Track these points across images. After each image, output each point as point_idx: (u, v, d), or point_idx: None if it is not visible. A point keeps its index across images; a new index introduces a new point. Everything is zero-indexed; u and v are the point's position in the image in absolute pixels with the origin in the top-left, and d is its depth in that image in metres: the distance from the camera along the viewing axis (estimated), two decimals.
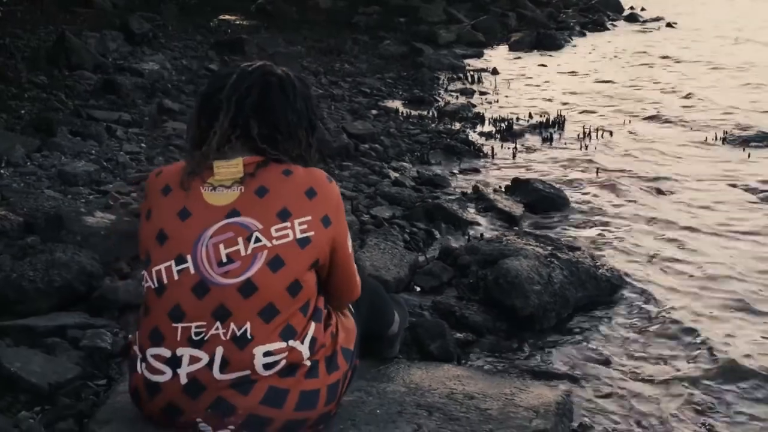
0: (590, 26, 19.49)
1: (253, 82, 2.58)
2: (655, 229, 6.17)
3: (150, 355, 2.48)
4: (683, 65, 14.14)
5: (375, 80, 11.92)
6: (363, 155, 7.72)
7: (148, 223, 2.54)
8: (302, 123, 2.64)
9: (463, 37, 16.70)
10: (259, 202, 2.46)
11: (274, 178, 2.50)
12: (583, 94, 11.74)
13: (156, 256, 2.49)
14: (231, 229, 2.45)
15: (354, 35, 15.63)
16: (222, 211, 2.47)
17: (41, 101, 8.31)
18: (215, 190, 2.49)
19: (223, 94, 2.55)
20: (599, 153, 8.43)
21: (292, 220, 2.45)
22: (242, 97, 2.55)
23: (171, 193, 2.53)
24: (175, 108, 8.63)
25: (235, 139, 2.54)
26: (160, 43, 12.67)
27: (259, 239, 2.43)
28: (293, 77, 2.66)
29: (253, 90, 2.57)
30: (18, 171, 6.03)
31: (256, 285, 2.41)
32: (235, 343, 2.41)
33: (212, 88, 2.62)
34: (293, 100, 2.61)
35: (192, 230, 2.47)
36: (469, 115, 10.03)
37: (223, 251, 2.43)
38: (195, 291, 2.42)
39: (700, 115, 10.19)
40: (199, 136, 2.60)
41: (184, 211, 2.49)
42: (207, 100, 2.61)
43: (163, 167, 2.69)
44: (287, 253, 2.45)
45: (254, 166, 2.51)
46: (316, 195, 2.50)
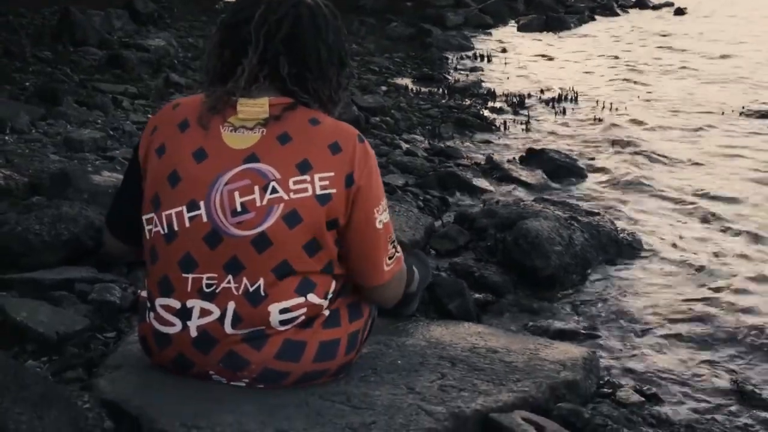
0: (599, 11, 19.32)
1: (283, 13, 2.35)
2: (674, 196, 6.06)
3: (159, 305, 2.33)
4: (694, 46, 13.99)
5: (383, 59, 11.78)
6: (374, 128, 7.59)
7: (160, 160, 2.34)
8: (333, 59, 2.43)
9: (471, 20, 16.56)
10: (280, 149, 2.27)
11: (300, 125, 2.30)
12: (595, 72, 11.62)
13: (166, 198, 2.31)
14: (248, 176, 2.26)
15: (361, 17, 15.48)
16: (240, 154, 2.27)
17: (46, 75, 8.20)
18: (236, 131, 2.30)
19: (251, 25, 2.34)
20: (613, 126, 8.30)
21: (313, 173, 2.25)
22: (272, 31, 2.32)
23: (188, 129, 2.34)
24: (181, 82, 8.51)
25: (264, 79, 2.33)
26: (165, 23, 12.56)
27: (275, 190, 2.24)
28: (324, 7, 2.46)
29: (284, 23, 2.34)
30: (23, 138, 5.91)
31: (271, 239, 2.23)
32: (248, 300, 2.26)
33: (238, 18, 2.39)
34: (325, 34, 2.40)
35: (207, 174, 2.28)
36: (479, 91, 9.89)
37: (237, 199, 2.25)
38: (207, 240, 2.26)
39: (715, 91, 10.07)
40: (221, 69, 2.40)
41: (201, 152, 2.30)
42: (232, 30, 2.39)
43: (180, 99, 2.50)
44: (305, 208, 2.25)
45: (281, 109, 2.30)
46: (341, 151, 2.29)
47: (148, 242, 2.36)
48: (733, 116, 8.77)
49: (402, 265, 2.56)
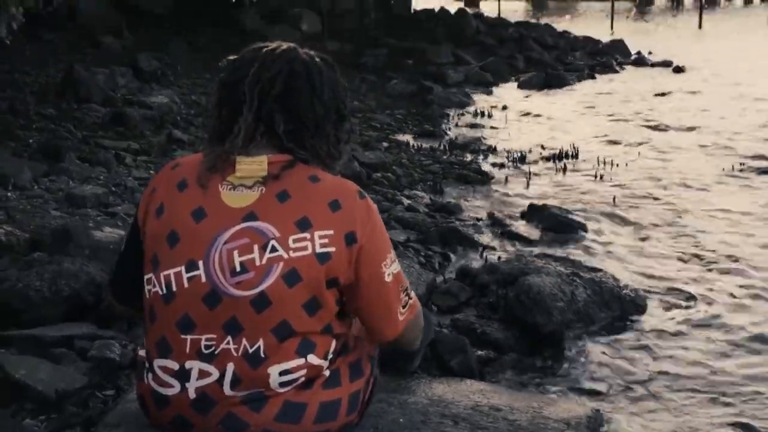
0: (599, 68, 19.46)
1: (277, 70, 2.35)
2: (677, 252, 6.04)
3: (157, 366, 2.30)
4: (693, 104, 14.07)
5: (385, 116, 11.86)
6: (375, 183, 7.62)
7: (159, 220, 2.32)
8: (330, 115, 2.41)
9: (471, 78, 16.68)
10: (280, 207, 2.25)
11: (299, 183, 2.28)
12: (595, 129, 11.66)
13: (165, 259, 2.29)
14: (247, 235, 2.24)
15: (362, 75, 15.62)
16: (239, 213, 2.26)
17: (49, 131, 8.27)
18: (235, 190, 2.28)
19: (245, 84, 2.35)
20: (615, 182, 8.31)
21: (313, 231, 2.23)
22: (266, 89, 2.32)
23: (187, 189, 2.32)
24: (184, 139, 8.56)
25: (260, 137, 2.33)
26: (169, 80, 12.67)
27: (275, 248, 2.22)
28: (319, 62, 2.45)
29: (277, 80, 2.33)
30: (25, 194, 5.94)
31: (270, 299, 2.20)
32: (248, 361, 2.22)
33: (234, 77, 2.39)
34: (320, 90, 2.39)
35: (206, 233, 2.26)
36: (480, 147, 9.93)
37: (237, 259, 2.22)
38: (206, 301, 2.23)
39: (716, 147, 10.10)
40: (219, 127, 2.40)
41: (200, 211, 2.28)
42: (229, 89, 2.39)
43: (180, 159, 2.50)
44: (305, 266, 2.23)
45: (279, 167, 2.29)
46: (341, 208, 2.26)
47: (147, 302, 2.34)
48: (736, 172, 8.78)
49: (417, 308, 2.55)
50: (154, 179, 2.46)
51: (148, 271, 2.32)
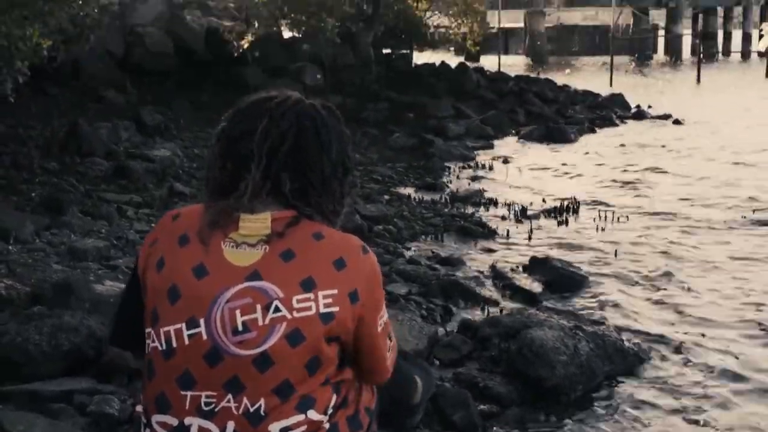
0: (599, 122, 19.60)
1: (286, 127, 2.32)
2: (679, 305, 6.01)
3: (156, 422, 2.26)
4: (692, 157, 14.15)
5: (386, 169, 11.92)
6: (377, 236, 7.62)
7: (159, 274, 2.30)
8: (337, 172, 2.38)
9: (472, 131, 16.79)
10: (284, 266, 2.23)
11: (304, 241, 2.26)
12: (596, 182, 11.71)
13: (165, 314, 2.26)
14: (250, 294, 2.21)
15: (364, 128, 15.73)
16: (243, 272, 2.23)
17: (52, 185, 8.29)
18: (238, 248, 2.25)
19: (254, 141, 2.32)
20: (616, 235, 8.32)
21: (317, 291, 2.20)
22: (275, 146, 2.29)
23: (188, 244, 2.29)
24: (185, 192, 8.59)
25: (266, 194, 2.32)
26: (171, 134, 12.76)
27: (278, 309, 2.19)
28: (325, 114, 2.44)
29: (286, 138, 2.29)
30: (27, 247, 5.94)
31: (273, 359, 2.17)
32: (248, 420, 2.19)
33: (240, 131, 2.34)
34: (328, 146, 2.36)
35: (208, 291, 2.24)
36: (482, 200, 9.96)
37: (239, 318, 2.20)
38: (207, 359, 2.20)
39: (715, 200, 10.13)
40: (222, 180, 2.37)
41: (201, 268, 2.25)
42: (234, 143, 2.36)
43: (180, 210, 2.46)
44: (308, 327, 2.20)
45: (284, 224, 2.27)
46: (345, 267, 2.25)
47: (146, 357, 2.31)
48: (738, 224, 8.79)
49: (395, 346, 2.54)
50: (154, 229, 2.43)
51: (147, 325, 2.29)
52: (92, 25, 10.02)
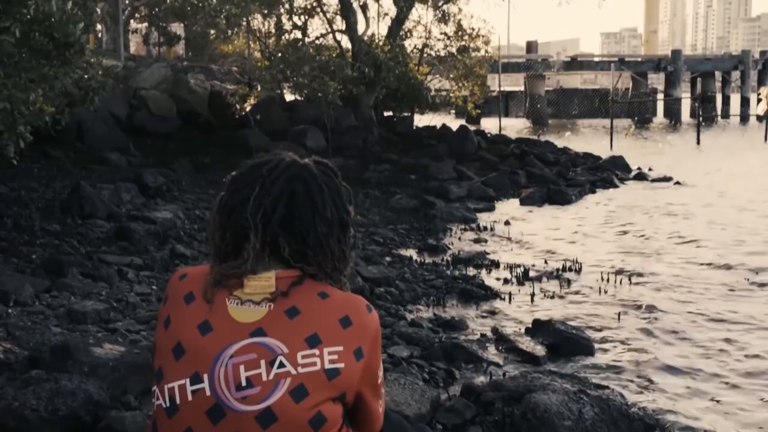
0: (599, 184, 19.66)
1: (278, 193, 2.36)
2: (682, 367, 5.94)
3: None
4: (693, 218, 14.15)
5: (388, 231, 11.91)
6: (378, 298, 7.57)
7: (166, 332, 2.30)
8: (333, 231, 2.40)
9: (473, 193, 16.83)
10: (289, 323, 2.23)
11: (309, 299, 2.27)
12: (598, 243, 11.69)
13: (170, 371, 2.25)
14: (254, 350, 2.20)
15: (366, 190, 15.78)
16: (247, 328, 2.23)
17: (53, 247, 8.27)
18: (242, 305, 2.25)
19: (248, 210, 2.35)
20: (619, 298, 8.27)
21: (322, 347, 2.20)
22: (268, 214, 2.33)
23: (194, 302, 2.30)
24: (187, 253, 8.58)
25: (267, 258, 2.33)
26: (173, 196, 12.78)
27: (283, 364, 2.18)
28: (319, 175, 2.45)
29: (278, 204, 2.33)
30: (26, 310, 5.89)
31: (276, 415, 2.15)
32: None
33: (235, 200, 2.39)
34: (322, 208, 2.38)
35: (212, 347, 2.23)
36: (484, 262, 9.92)
37: (243, 374, 2.18)
38: (209, 415, 2.18)
39: (717, 260, 10.10)
40: (224, 248, 2.39)
41: (206, 325, 2.25)
42: (230, 214, 2.40)
43: (187, 269, 2.47)
44: (312, 382, 2.19)
45: (288, 283, 2.27)
46: (351, 325, 2.25)
47: (151, 417, 2.29)
48: (739, 286, 8.74)
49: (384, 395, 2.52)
50: (166, 289, 2.44)
51: (153, 384, 2.28)
52: (97, 87, 10.09)
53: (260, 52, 24.12)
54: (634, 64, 57.73)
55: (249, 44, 24.89)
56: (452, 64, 25.64)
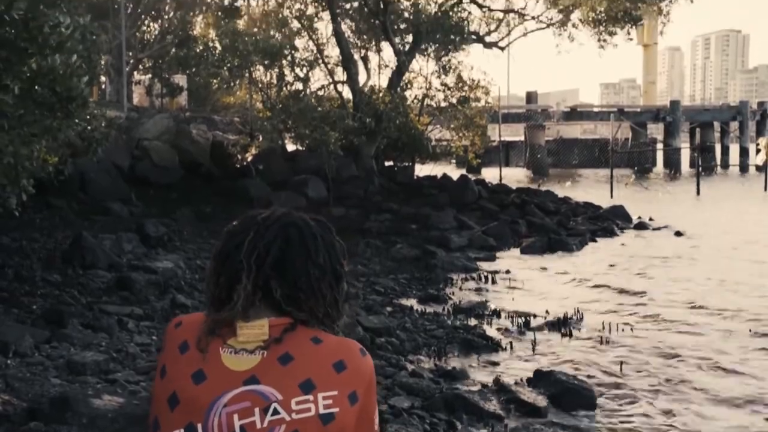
0: (600, 233, 19.68)
1: (272, 237, 2.41)
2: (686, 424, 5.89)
3: None
4: (694, 268, 14.15)
5: (389, 280, 11.91)
6: (379, 348, 7.55)
7: (162, 382, 2.31)
8: (326, 276, 2.44)
9: (474, 242, 16.85)
10: (282, 370, 2.24)
11: (302, 345, 2.29)
12: (599, 293, 11.67)
13: (165, 421, 2.25)
14: (248, 398, 2.21)
15: (366, 239, 15.79)
16: (240, 376, 2.24)
17: (54, 297, 8.27)
18: (236, 354, 2.27)
19: (242, 253, 2.39)
20: (620, 348, 8.24)
21: (316, 393, 2.21)
22: (262, 256, 2.37)
23: (188, 351, 2.32)
24: (187, 303, 8.57)
25: (259, 302, 2.35)
26: (174, 245, 12.80)
27: (277, 411, 2.19)
28: (314, 225, 2.49)
29: (272, 247, 2.38)
30: (25, 361, 5.87)
31: None
32: None
33: (229, 246, 2.44)
34: (315, 253, 2.43)
35: (206, 396, 2.24)
36: (485, 311, 9.90)
37: (237, 422, 2.19)
38: None
39: (718, 311, 10.07)
40: (218, 295, 2.42)
41: (200, 374, 2.26)
42: (225, 258, 2.44)
43: (183, 317, 2.49)
44: (307, 428, 2.20)
45: (281, 330, 2.30)
46: (345, 369, 2.27)
47: None
48: (741, 335, 8.72)
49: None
50: (163, 338, 2.45)
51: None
52: (100, 138, 10.16)
53: (262, 102, 24.33)
54: (633, 114, 58.14)
55: (251, 95, 25.12)
56: (453, 115, 25.86)
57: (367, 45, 26.02)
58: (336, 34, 23.61)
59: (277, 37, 23.74)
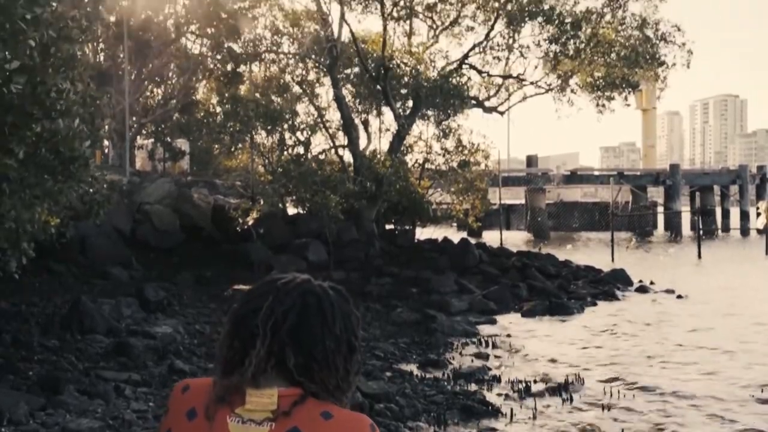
0: (601, 296, 19.62)
1: (290, 304, 2.39)
2: None
3: None
4: (697, 331, 14.07)
5: (388, 345, 11.83)
6: (378, 414, 7.47)
7: None
8: (341, 348, 2.41)
9: (475, 306, 16.78)
10: None
11: (311, 420, 2.26)
12: (600, 358, 11.58)
13: None
14: None
15: (367, 303, 15.75)
16: None
17: (50, 363, 8.22)
18: (243, 423, 2.26)
19: (258, 317, 2.37)
20: (622, 412, 8.17)
21: None
22: (279, 322, 2.35)
23: (196, 419, 2.29)
24: (186, 369, 8.51)
25: (271, 369, 2.33)
26: (174, 310, 12.76)
27: None
28: (333, 294, 2.48)
29: (290, 314, 2.36)
30: (20, 429, 5.82)
31: None
32: None
33: (247, 309, 2.42)
34: (332, 323, 2.40)
35: None
36: (485, 377, 9.83)
37: None
38: None
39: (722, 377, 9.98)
40: (231, 358, 2.40)
41: None
42: (241, 321, 2.42)
43: (190, 381, 2.47)
44: None
45: (290, 403, 2.27)
46: None
47: None
48: (744, 401, 8.63)
49: None
50: (168, 400, 2.43)
51: None
52: (102, 202, 10.21)
53: (263, 166, 24.49)
54: (634, 177, 58.43)
55: (253, 159, 25.30)
56: (453, 178, 25.98)
57: (368, 109, 26.26)
58: (337, 99, 23.88)
59: (279, 102, 24.00)
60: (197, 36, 27.47)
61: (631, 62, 24.87)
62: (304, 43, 24.59)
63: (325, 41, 23.32)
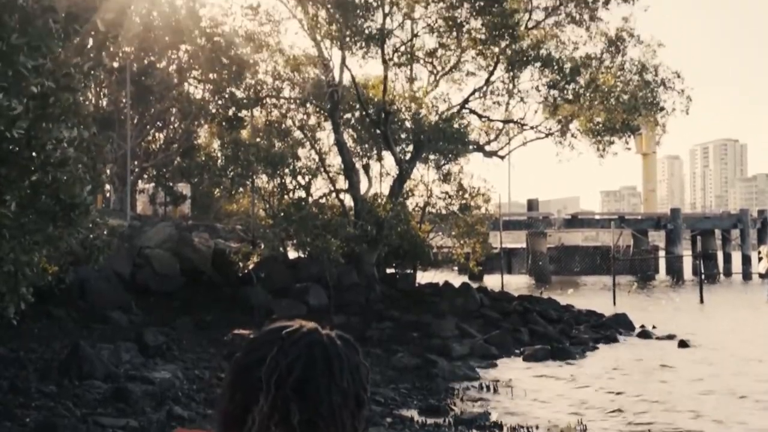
0: (603, 341, 19.52)
1: (295, 356, 2.33)
2: None
3: None
4: (700, 378, 13.96)
5: (389, 390, 11.74)
6: None
7: None
8: (348, 403, 2.34)
9: (476, 351, 16.69)
10: None
11: None
12: (601, 403, 11.49)
13: None
14: None
15: (367, 348, 15.64)
16: None
17: (48, 409, 8.15)
18: None
19: (262, 370, 2.32)
20: None
21: None
22: (283, 376, 2.30)
23: None
24: (184, 415, 8.43)
25: (274, 426, 2.28)
26: (173, 355, 12.69)
27: None
28: (340, 345, 2.42)
29: (295, 367, 2.30)
30: None
31: None
32: None
33: (250, 359, 2.35)
34: (339, 377, 2.33)
35: None
36: (486, 422, 9.74)
37: None
38: None
39: (726, 422, 9.88)
40: (232, 411, 2.35)
41: None
42: (244, 373, 2.36)
43: None
44: None
45: None
46: None
47: None
48: None
49: None
50: None
51: None
52: (102, 247, 10.20)
53: (264, 210, 24.52)
54: (634, 222, 58.51)
55: (253, 203, 25.34)
56: (454, 222, 25.99)
57: (369, 153, 26.37)
58: (338, 143, 23.99)
59: (280, 146, 24.09)
60: (199, 81, 27.66)
61: (631, 107, 24.99)
62: (305, 87, 24.75)
63: (326, 86, 23.48)
